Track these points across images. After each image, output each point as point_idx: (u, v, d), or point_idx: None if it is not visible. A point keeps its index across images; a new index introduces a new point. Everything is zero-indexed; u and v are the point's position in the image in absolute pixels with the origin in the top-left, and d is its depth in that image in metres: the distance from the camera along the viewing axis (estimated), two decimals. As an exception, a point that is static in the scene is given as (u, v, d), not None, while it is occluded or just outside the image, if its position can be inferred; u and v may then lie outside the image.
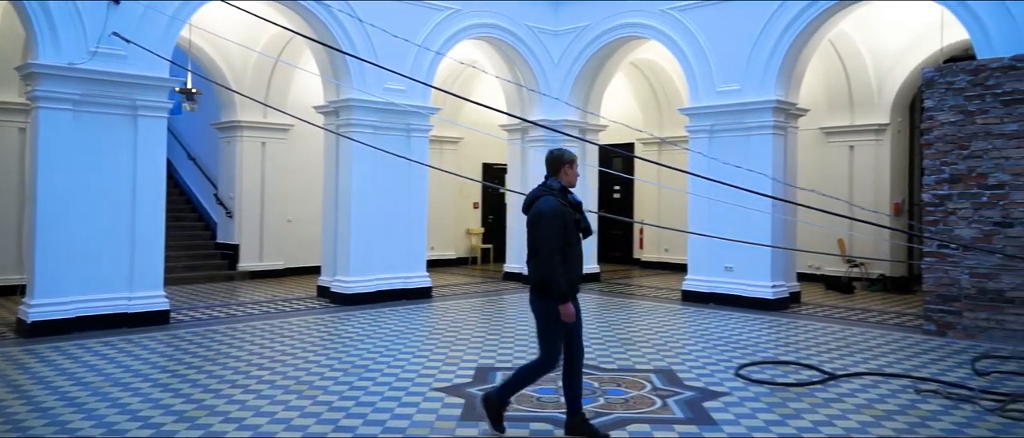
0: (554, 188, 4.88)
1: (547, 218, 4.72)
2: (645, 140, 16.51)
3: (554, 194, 4.83)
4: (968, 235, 8.59)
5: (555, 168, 4.96)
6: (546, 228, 4.71)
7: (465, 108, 16.00)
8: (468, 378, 6.50)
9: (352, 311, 10.27)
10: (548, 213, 4.73)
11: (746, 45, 11.05)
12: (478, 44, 13.30)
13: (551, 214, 4.73)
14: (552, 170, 4.98)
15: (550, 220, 4.72)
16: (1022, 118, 8.29)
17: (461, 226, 17.65)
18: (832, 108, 14.18)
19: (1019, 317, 8.18)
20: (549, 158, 5.02)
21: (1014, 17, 8.59)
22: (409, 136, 11.57)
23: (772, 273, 10.81)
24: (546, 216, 4.73)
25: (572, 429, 4.94)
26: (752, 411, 5.61)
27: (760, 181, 9.71)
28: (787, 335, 8.82)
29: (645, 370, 6.86)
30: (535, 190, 4.95)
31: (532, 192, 4.95)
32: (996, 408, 5.68)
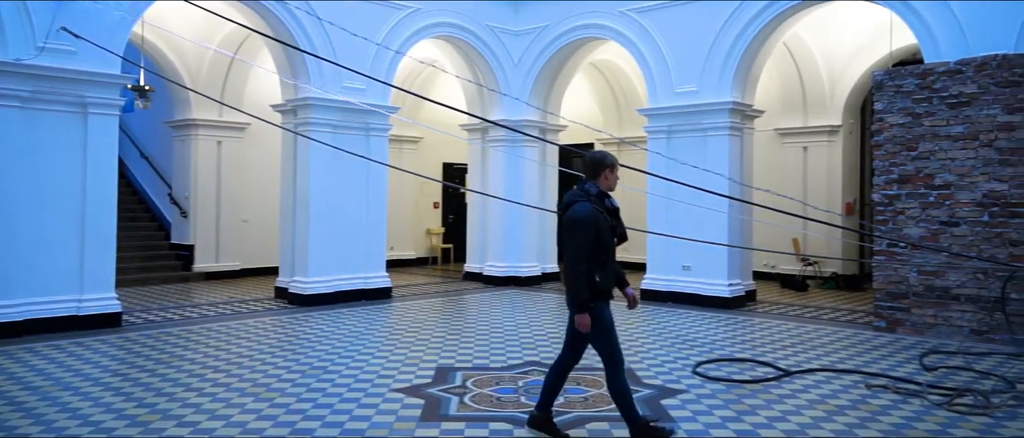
0: (591, 193, 4.74)
1: (581, 225, 4.59)
2: (605, 140, 16.62)
3: (590, 200, 4.69)
4: (916, 234, 8.84)
5: (594, 172, 4.81)
6: (578, 235, 4.58)
7: (425, 107, 15.96)
8: (428, 378, 6.48)
9: (310, 312, 10.16)
10: (582, 220, 4.60)
11: (703, 47, 11.21)
12: (438, 43, 13.26)
13: (585, 221, 4.59)
14: (591, 174, 4.81)
15: (583, 228, 4.59)
16: (967, 120, 8.55)
17: (421, 226, 17.58)
18: (786, 110, 14.46)
19: (964, 314, 8.44)
20: (589, 161, 4.83)
21: (959, 22, 8.86)
22: (368, 135, 11.49)
23: (729, 272, 10.98)
24: (580, 223, 4.59)
25: (537, 424, 4.95)
26: (709, 408, 5.70)
27: (717, 181, 9.87)
28: (743, 333, 8.97)
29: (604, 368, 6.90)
30: (571, 194, 4.78)
31: (568, 196, 4.79)
32: (943, 402, 5.85)
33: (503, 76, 13.47)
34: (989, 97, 8.40)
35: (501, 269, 13.57)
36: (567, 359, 5.03)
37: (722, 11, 10.99)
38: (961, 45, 8.84)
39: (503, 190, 13.28)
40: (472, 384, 6.27)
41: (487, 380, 6.42)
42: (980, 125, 8.47)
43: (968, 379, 6.63)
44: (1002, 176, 8.29)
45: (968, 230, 8.49)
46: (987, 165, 8.40)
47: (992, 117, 8.38)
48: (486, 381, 6.38)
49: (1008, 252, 8.17)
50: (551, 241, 14.23)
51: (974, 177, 8.47)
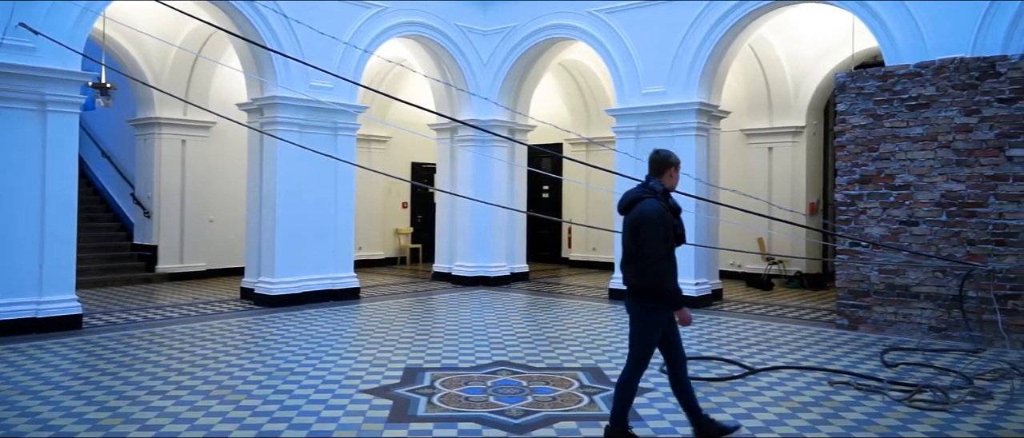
0: (657, 190, 4.66)
1: (653, 223, 4.51)
2: (573, 140, 16.71)
3: (657, 197, 4.63)
4: (877, 233, 9.01)
5: (660, 170, 4.72)
6: (652, 233, 4.51)
7: (393, 107, 15.89)
8: (396, 379, 6.45)
9: (277, 313, 10.05)
10: (654, 218, 4.52)
11: (671, 48, 11.31)
12: (407, 43, 13.21)
13: (657, 219, 4.52)
14: (656, 171, 4.73)
15: (656, 225, 4.52)
16: (926, 122, 8.74)
17: (389, 226, 17.50)
18: (752, 111, 14.65)
19: (924, 311, 8.63)
20: (655, 159, 4.76)
21: (919, 26, 9.05)
22: (336, 135, 11.40)
23: (696, 271, 11.09)
24: (652, 221, 4.52)
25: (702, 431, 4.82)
26: (676, 406, 5.72)
27: (684, 181, 9.90)
28: (710, 331, 9.07)
29: (573, 368, 6.94)
30: (636, 192, 4.71)
31: (632, 193, 4.71)
32: (903, 398, 5.97)
33: (472, 76, 13.46)
34: (947, 99, 8.60)
35: (470, 269, 13.55)
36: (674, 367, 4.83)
37: (689, 13, 11.10)
38: (920, 48, 9.04)
39: (472, 190, 13.27)
40: (441, 384, 6.26)
41: (456, 380, 6.41)
42: (938, 126, 8.66)
43: (927, 375, 6.78)
44: (959, 176, 8.48)
45: (927, 229, 8.68)
46: (945, 166, 8.59)
47: (950, 119, 8.58)
48: (455, 381, 6.37)
49: (965, 251, 8.37)
50: (520, 241, 14.28)
51: (933, 177, 8.66)
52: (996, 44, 8.55)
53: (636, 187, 4.76)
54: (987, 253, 8.24)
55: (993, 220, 8.25)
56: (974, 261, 8.25)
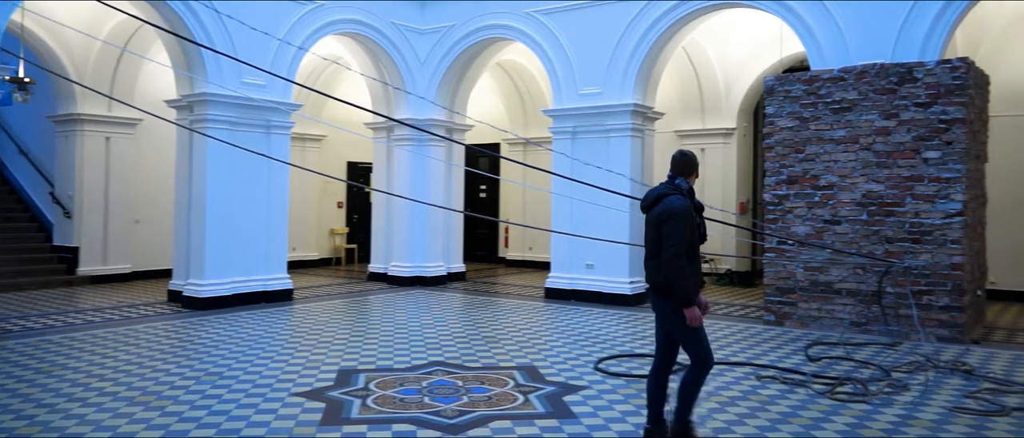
0: (683, 189, 4.68)
1: (680, 218, 4.52)
2: (510, 140, 16.77)
3: (684, 194, 4.65)
4: (803, 232, 9.31)
5: (687, 170, 4.76)
6: (677, 228, 4.50)
7: (329, 105, 15.66)
8: (329, 382, 6.36)
9: (206, 316, 9.79)
10: (681, 213, 4.53)
11: (607, 50, 11.45)
12: (343, 40, 13.04)
13: (684, 214, 4.54)
14: (683, 170, 4.75)
15: (682, 220, 4.52)
16: (849, 125, 9.07)
17: (324, 226, 17.23)
18: (685, 112, 14.95)
19: (845, 307, 8.95)
20: (682, 159, 4.78)
21: (843, 33, 9.39)
22: (269, 133, 11.17)
23: (630, 270, 11.27)
24: (679, 216, 4.52)
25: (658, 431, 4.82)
26: (609, 403, 5.83)
27: (619, 181, 10.12)
28: (644, 329, 9.22)
29: (508, 367, 6.97)
30: (661, 188, 4.70)
31: (657, 190, 4.70)
32: (826, 391, 6.19)
33: (409, 75, 13.36)
34: (868, 103, 8.94)
35: (406, 269, 13.46)
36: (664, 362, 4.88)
37: (625, 15, 11.26)
38: (844, 54, 9.38)
39: (409, 189, 13.19)
40: (375, 386, 6.20)
41: (391, 382, 6.36)
42: (860, 129, 9.00)
43: (849, 368, 7.04)
44: (879, 177, 8.83)
45: (849, 228, 9.01)
46: (866, 167, 8.93)
47: (870, 122, 8.92)
48: (390, 382, 6.32)
49: (884, 249, 8.72)
50: (457, 241, 14.25)
51: (854, 178, 9.00)
52: (913, 51, 8.94)
53: (662, 185, 4.77)
54: (904, 251, 8.60)
55: (909, 219, 8.62)
56: (892, 258, 8.60)
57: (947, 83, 8.47)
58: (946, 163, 8.45)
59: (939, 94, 8.51)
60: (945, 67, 8.52)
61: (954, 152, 8.42)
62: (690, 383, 4.70)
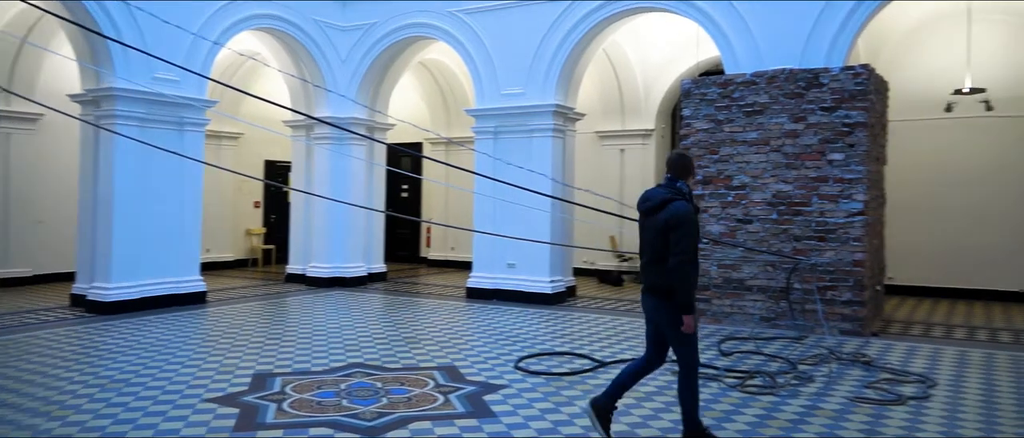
0: (685, 192, 4.70)
1: (690, 224, 4.54)
2: (433, 140, 16.70)
3: (686, 198, 4.66)
4: (717, 231, 9.61)
5: (686, 171, 4.78)
6: (688, 235, 4.52)
7: (246, 102, 15.25)
8: (244, 386, 6.20)
9: (112, 321, 9.38)
10: (691, 219, 4.56)
11: (529, 50, 11.54)
12: (261, 36, 12.72)
13: (693, 221, 4.57)
14: (682, 173, 4.77)
15: (692, 227, 4.55)
16: (760, 127, 9.41)
17: (240, 226, 16.76)
18: (606, 113, 15.21)
19: (756, 302, 9.28)
20: (680, 161, 4.79)
21: (755, 39, 9.73)
22: (182, 130, 10.79)
23: (551, 269, 11.39)
24: (689, 222, 4.54)
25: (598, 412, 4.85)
26: (529, 401, 5.88)
27: (541, 181, 10.22)
28: (564, 327, 9.33)
29: (429, 368, 6.94)
30: (664, 192, 4.69)
31: (660, 194, 4.70)
32: (737, 384, 6.41)
33: (330, 72, 13.14)
34: (778, 107, 9.30)
35: (325, 270, 13.23)
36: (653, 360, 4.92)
37: (547, 16, 11.37)
38: (756, 59, 9.72)
39: (329, 189, 12.97)
40: (291, 390, 6.07)
41: (308, 385, 6.24)
42: (770, 132, 9.34)
43: (758, 362, 7.30)
44: (787, 178, 9.19)
45: (760, 227, 9.35)
46: (776, 168, 9.28)
47: (780, 125, 9.28)
48: (307, 386, 6.21)
49: (792, 246, 9.08)
50: (378, 241, 14.10)
51: (765, 179, 9.34)
52: (820, 57, 9.34)
53: (661, 188, 4.77)
54: (810, 248, 8.98)
55: (815, 218, 9.00)
56: (799, 256, 8.97)
57: (850, 88, 8.89)
58: (849, 165, 8.86)
59: (843, 99, 8.92)
60: (848, 73, 8.93)
61: (856, 154, 8.83)
62: (685, 389, 4.76)
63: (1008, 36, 12.04)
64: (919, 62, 12.63)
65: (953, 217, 12.34)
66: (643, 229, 4.81)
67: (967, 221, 12.24)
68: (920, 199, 12.37)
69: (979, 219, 12.15)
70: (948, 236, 12.37)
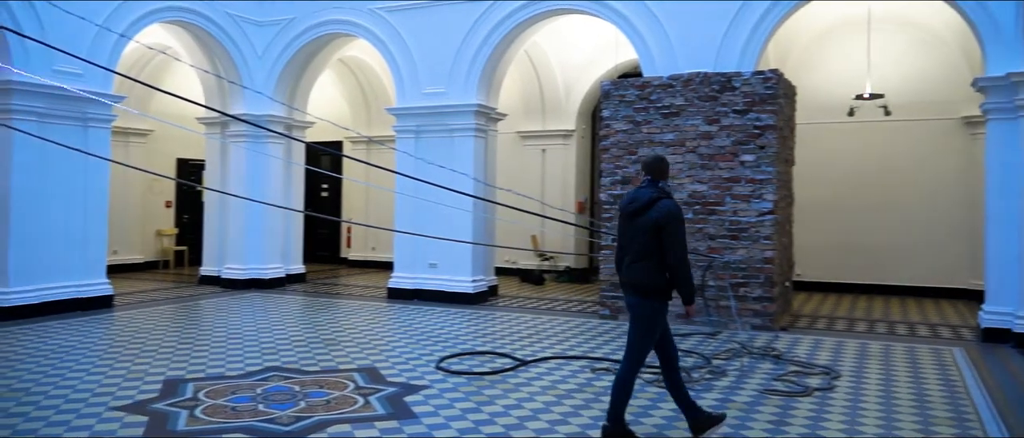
0: (668, 191, 4.83)
1: (680, 222, 4.70)
2: (354, 139, 16.47)
3: (671, 197, 4.79)
4: (635, 230, 9.79)
5: (664, 172, 4.91)
6: (678, 232, 4.67)
7: (156, 98, 14.69)
8: (154, 393, 5.97)
9: (9, 328, 8.87)
10: (680, 217, 4.73)
11: (451, 50, 11.51)
12: (172, 30, 12.27)
13: (681, 218, 4.74)
14: (660, 174, 4.89)
15: (681, 224, 4.72)
16: (677, 129, 9.66)
17: (151, 227, 16.11)
18: (527, 114, 15.33)
19: (673, 300, 9.49)
20: (660, 163, 4.91)
21: (671, 42, 9.99)
22: (86, 126, 10.29)
23: (473, 268, 11.40)
24: (679, 220, 4.70)
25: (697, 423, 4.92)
26: (450, 401, 5.87)
27: (463, 181, 10.21)
28: (485, 326, 9.36)
29: (348, 369, 6.85)
30: (650, 192, 4.78)
31: (647, 194, 4.77)
32: (654, 380, 6.55)
33: (246, 68, 12.77)
34: (693, 109, 9.57)
35: (241, 272, 12.87)
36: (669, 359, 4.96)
37: (469, 16, 11.37)
38: (673, 62, 9.97)
39: (245, 188, 12.61)
40: (205, 395, 5.88)
41: (222, 390, 6.06)
42: (686, 133, 9.61)
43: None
44: (702, 178, 9.47)
45: (677, 226, 9.58)
46: (691, 169, 9.55)
47: (695, 126, 9.55)
48: (221, 391, 6.03)
49: (707, 245, 9.36)
50: (296, 241, 13.81)
51: (681, 179, 9.59)
52: (732, 61, 9.66)
53: (645, 188, 4.84)
54: (724, 247, 9.28)
55: (729, 217, 9.31)
56: (713, 254, 9.25)
57: (761, 92, 9.23)
58: (760, 166, 9.19)
59: (754, 102, 9.25)
60: (759, 77, 9.27)
61: (767, 156, 9.18)
62: (625, 385, 4.85)
63: (904, 45, 12.75)
64: (824, 68, 13.23)
65: (856, 216, 12.98)
66: (626, 229, 4.91)
67: (868, 220, 12.90)
68: (825, 199, 12.96)
69: (879, 218, 12.83)
70: (851, 234, 13.00)
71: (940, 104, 12.54)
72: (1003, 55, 8.55)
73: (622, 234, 4.96)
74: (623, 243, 4.95)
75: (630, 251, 4.86)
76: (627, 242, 4.90)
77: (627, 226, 4.90)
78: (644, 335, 4.82)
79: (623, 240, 4.94)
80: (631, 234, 4.85)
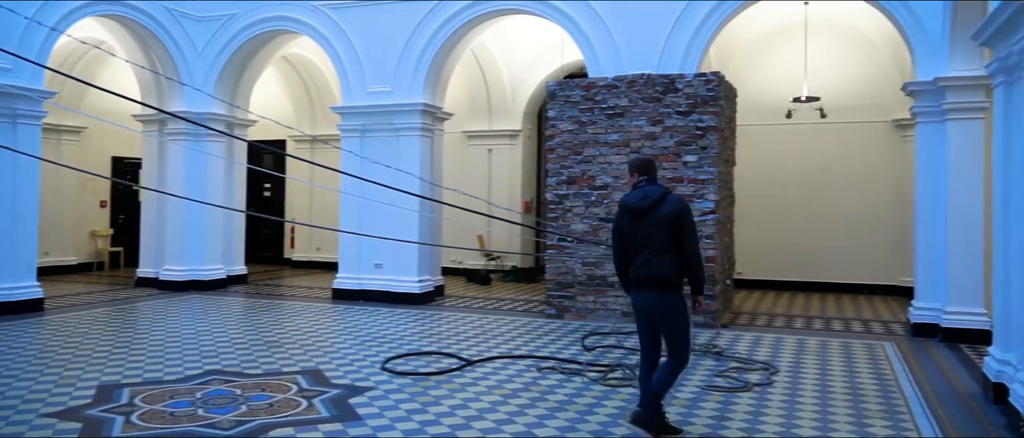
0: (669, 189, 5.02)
1: (691, 214, 4.90)
2: (297, 138, 16.22)
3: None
4: (581, 229, 9.90)
5: (655, 172, 5.10)
6: (693, 223, 4.87)
7: (90, 94, 14.22)
8: (87, 399, 5.77)
9: (-67, 332, 8.50)
10: (690, 209, 4.94)
11: (396, 48, 11.42)
12: (107, 24, 11.89)
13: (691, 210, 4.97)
14: (653, 173, 5.07)
15: (692, 216, 4.92)
16: (622, 129, 9.78)
17: (84, 227, 15.58)
18: (473, 113, 15.32)
19: (618, 298, 9.64)
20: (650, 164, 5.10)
21: (616, 44, 10.10)
22: (15, 123, 9.90)
23: (419, 268, 11.34)
24: (690, 211, 4.91)
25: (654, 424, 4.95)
26: (396, 402, 5.83)
27: (409, 181, 10.13)
28: (432, 327, 9.32)
29: (292, 372, 6.74)
30: (657, 189, 4.93)
31: (656, 191, 4.91)
32: (599, 378, 6.63)
33: (185, 65, 12.46)
34: (637, 110, 9.69)
35: (180, 273, 12.55)
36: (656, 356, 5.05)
37: (415, 15, 11.29)
38: (617, 63, 10.09)
39: (184, 188, 12.29)
40: (141, 401, 5.72)
41: (160, 395, 5.90)
42: (631, 134, 9.73)
43: (619, 356, 7.59)
44: (647, 179, 9.59)
45: (621, 226, 9.69)
46: (635, 169, 9.66)
47: (640, 127, 9.68)
48: (158, 396, 5.87)
49: (651, 244, 9.49)
50: (238, 242, 13.53)
51: (626, 179, 9.70)
52: (675, 63, 9.82)
53: (650, 187, 4.97)
54: (668, 246, 9.41)
55: (672, 217, 9.44)
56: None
57: (703, 94, 9.40)
58: (702, 166, 9.37)
59: (696, 103, 9.42)
60: (701, 79, 9.45)
61: (708, 156, 9.36)
62: (670, 378, 4.92)
63: (839, 49, 13.16)
64: (763, 71, 13.57)
65: (793, 216, 13.34)
66: (636, 228, 4.91)
67: (805, 219, 13.27)
68: (765, 199, 13.29)
69: (816, 218, 13.21)
70: (789, 233, 13.36)
71: (873, 107, 12.98)
72: (931, 60, 8.89)
73: (630, 234, 4.98)
74: (632, 242, 4.98)
75: (649, 247, 4.88)
76: (640, 240, 4.92)
77: (637, 225, 4.93)
78: (685, 325, 4.93)
79: (632, 240, 4.97)
80: (645, 231, 4.89)
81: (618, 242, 5.08)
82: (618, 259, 5.12)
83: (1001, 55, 5.92)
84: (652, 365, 5.04)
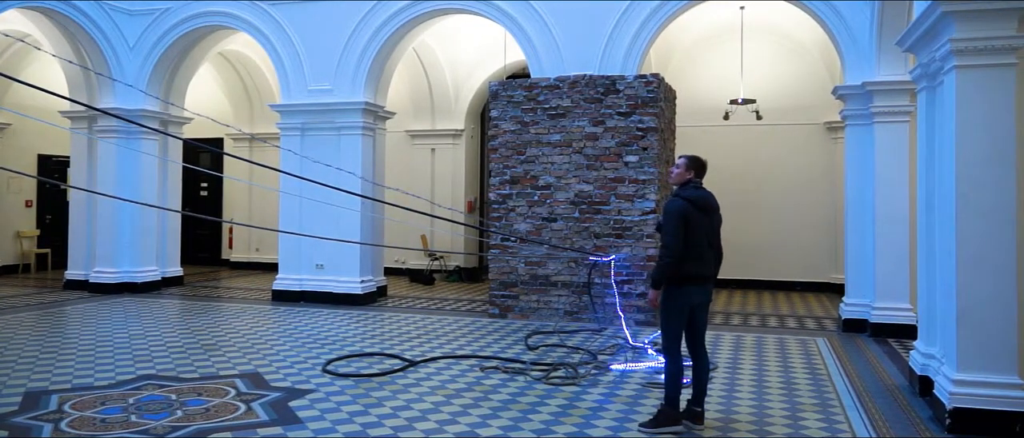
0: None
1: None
2: (235, 136, 15.87)
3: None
4: (524, 229, 9.95)
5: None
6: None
7: (14, 89, 13.66)
8: (13, 406, 5.54)
9: None
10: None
11: (337, 46, 11.28)
12: (32, 16, 11.44)
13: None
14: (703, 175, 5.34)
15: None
16: (564, 130, 9.85)
17: (9, 228, 14.95)
18: (416, 113, 15.23)
19: (561, 297, 9.72)
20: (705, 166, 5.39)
21: (558, 45, 10.17)
22: (-69, 119, 9.45)
23: (361, 269, 11.22)
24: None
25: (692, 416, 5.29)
26: (337, 404, 5.76)
27: (350, 180, 10.02)
28: (374, 327, 9.24)
29: (230, 375, 6.60)
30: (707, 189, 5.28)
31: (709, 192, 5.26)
32: (542, 377, 6.67)
33: (116, 60, 12.06)
34: (579, 110, 9.79)
35: (112, 276, 12.14)
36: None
37: (355, 13, 11.16)
38: (559, 64, 10.16)
39: (115, 187, 11.91)
40: (71, 407, 5.52)
41: (90, 401, 5.70)
42: (573, 134, 9.82)
43: (562, 354, 7.66)
44: (588, 178, 9.71)
45: (563, 225, 9.80)
46: (578, 169, 9.77)
47: (581, 128, 9.77)
48: (89, 402, 5.67)
49: (593, 243, 9.61)
50: (173, 243, 13.17)
51: (568, 179, 9.80)
52: (616, 65, 9.94)
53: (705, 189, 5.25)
54: (609, 245, 9.55)
55: (613, 216, 9.58)
56: (599, 252, 9.50)
57: (643, 95, 9.55)
58: (643, 166, 9.52)
59: (637, 105, 9.56)
60: (641, 81, 9.60)
61: (649, 157, 9.51)
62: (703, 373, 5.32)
63: (773, 53, 13.52)
64: (702, 73, 13.84)
65: (730, 215, 13.49)
66: (704, 227, 5.13)
67: (742, 219, 13.57)
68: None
69: (752, 217, 13.54)
70: (726, 232, 13.57)
71: (805, 110, 13.38)
72: (859, 65, 9.21)
73: (704, 232, 5.13)
74: (704, 240, 5.14)
75: (708, 248, 5.17)
76: (710, 239, 5.19)
77: (708, 223, 5.17)
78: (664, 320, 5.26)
79: (704, 238, 5.14)
80: (705, 231, 5.14)
81: (682, 236, 4.98)
82: (677, 253, 4.98)
83: (924, 61, 6.17)
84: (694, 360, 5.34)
